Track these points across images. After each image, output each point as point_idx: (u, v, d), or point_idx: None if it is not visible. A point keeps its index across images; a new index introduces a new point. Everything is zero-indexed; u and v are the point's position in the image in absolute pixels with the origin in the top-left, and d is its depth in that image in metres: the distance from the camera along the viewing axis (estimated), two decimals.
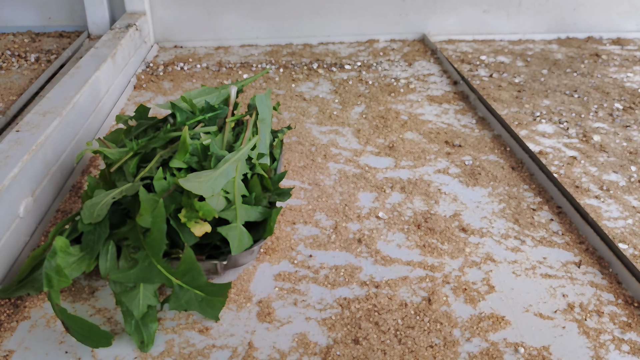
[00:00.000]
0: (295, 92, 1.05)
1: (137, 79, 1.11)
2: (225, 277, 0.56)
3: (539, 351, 0.47)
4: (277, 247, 0.61)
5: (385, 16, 1.40)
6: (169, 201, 0.52)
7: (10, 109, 0.93)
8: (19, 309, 0.52)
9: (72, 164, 0.74)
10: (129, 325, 0.48)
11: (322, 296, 0.53)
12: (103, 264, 0.51)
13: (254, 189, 0.59)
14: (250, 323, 0.50)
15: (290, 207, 0.68)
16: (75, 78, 0.86)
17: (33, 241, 0.61)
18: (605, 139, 0.85)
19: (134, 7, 1.32)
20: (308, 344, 0.48)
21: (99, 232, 0.52)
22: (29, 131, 0.66)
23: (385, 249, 0.60)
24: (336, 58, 1.26)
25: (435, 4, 1.40)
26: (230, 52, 1.32)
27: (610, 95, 1.03)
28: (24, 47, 1.29)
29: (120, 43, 1.06)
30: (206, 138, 0.62)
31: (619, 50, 1.32)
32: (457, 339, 0.48)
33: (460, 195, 0.70)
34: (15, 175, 0.58)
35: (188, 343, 0.48)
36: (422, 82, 1.11)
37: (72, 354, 0.47)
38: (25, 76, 1.10)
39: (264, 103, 0.69)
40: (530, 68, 1.19)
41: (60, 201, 0.69)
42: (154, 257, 0.49)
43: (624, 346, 0.48)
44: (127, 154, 0.61)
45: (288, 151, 0.82)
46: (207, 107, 0.69)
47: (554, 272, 0.56)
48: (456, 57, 1.27)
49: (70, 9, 1.41)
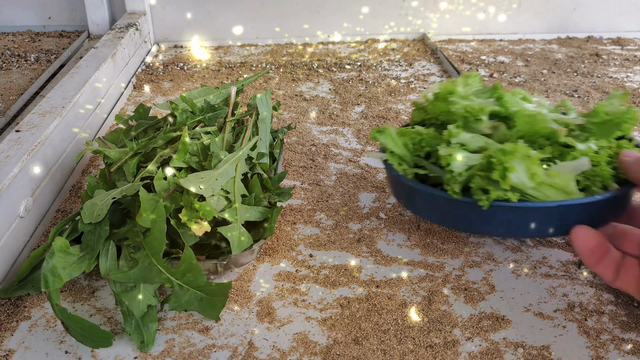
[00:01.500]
0: (295, 92, 1.05)
1: (137, 79, 1.11)
2: (225, 277, 0.56)
3: (539, 351, 0.47)
4: (277, 247, 0.61)
5: (385, 16, 1.41)
6: (169, 201, 0.52)
7: (10, 109, 0.93)
8: (19, 309, 0.52)
9: (72, 164, 0.74)
10: (129, 325, 0.48)
11: (322, 296, 0.53)
12: (103, 264, 0.51)
13: (254, 189, 0.59)
14: (251, 323, 0.50)
15: (291, 207, 0.68)
16: (75, 78, 0.86)
17: (33, 241, 0.61)
18: None
19: (134, 7, 1.32)
20: (308, 344, 0.48)
21: (99, 232, 0.52)
22: (29, 131, 0.66)
23: (385, 249, 0.60)
24: (336, 58, 1.27)
25: (435, 4, 1.40)
26: (230, 52, 1.32)
27: None
28: (24, 47, 1.29)
29: (120, 43, 1.06)
30: (206, 138, 0.62)
31: (619, 50, 1.32)
32: (457, 338, 0.48)
33: None
34: (15, 175, 0.58)
35: (188, 343, 0.48)
36: (422, 82, 1.11)
37: (72, 354, 0.47)
38: (25, 76, 1.10)
39: (264, 103, 0.69)
40: (531, 68, 1.19)
41: (60, 201, 0.69)
42: (154, 257, 0.49)
43: (624, 346, 0.48)
44: (127, 154, 0.61)
45: (288, 151, 0.82)
46: (207, 107, 0.69)
47: (554, 272, 0.56)
48: (456, 57, 1.27)
49: (70, 9, 1.41)
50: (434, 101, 0.62)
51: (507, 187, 0.48)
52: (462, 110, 0.58)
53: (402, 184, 0.56)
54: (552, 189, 0.50)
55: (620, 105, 0.59)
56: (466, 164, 0.52)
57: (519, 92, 0.61)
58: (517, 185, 0.49)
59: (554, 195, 0.50)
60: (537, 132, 0.56)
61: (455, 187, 0.51)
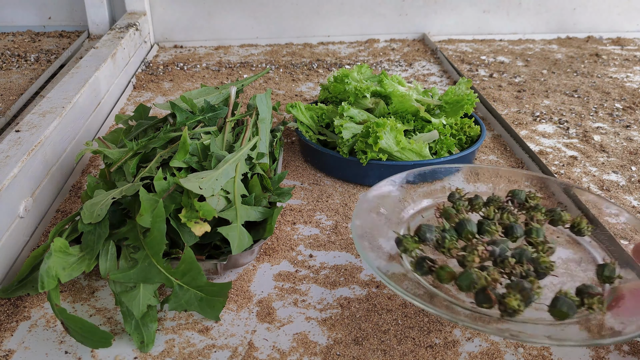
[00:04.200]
0: (295, 92, 1.05)
1: (137, 79, 1.11)
2: (225, 277, 0.56)
3: (539, 351, 0.47)
4: (277, 247, 0.60)
5: (385, 16, 1.40)
6: (169, 201, 0.52)
7: (10, 109, 0.93)
8: (19, 309, 0.52)
9: (72, 164, 0.74)
10: (129, 325, 0.47)
11: (322, 296, 0.53)
12: (103, 264, 0.51)
13: (254, 189, 0.59)
14: (251, 323, 0.50)
15: (291, 207, 0.68)
16: (75, 78, 0.86)
17: (33, 241, 0.61)
18: (605, 139, 0.85)
19: (134, 7, 1.32)
20: (308, 344, 0.48)
21: (99, 232, 0.52)
22: (28, 131, 0.66)
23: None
24: (336, 58, 1.26)
25: (435, 4, 1.40)
26: (230, 52, 1.32)
27: (610, 95, 1.03)
28: (24, 47, 1.29)
29: (120, 43, 1.06)
30: (206, 138, 0.62)
31: (619, 50, 1.32)
32: (457, 339, 0.48)
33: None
34: (15, 175, 0.58)
35: (188, 343, 0.48)
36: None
37: (72, 354, 0.47)
38: (25, 76, 1.10)
39: (264, 103, 0.69)
40: (530, 68, 1.19)
41: (60, 201, 0.69)
42: (154, 257, 0.49)
43: (624, 346, 0.48)
44: (127, 154, 0.61)
45: (288, 151, 0.82)
46: (207, 107, 0.69)
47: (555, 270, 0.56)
48: (456, 57, 1.27)
49: (70, 9, 1.41)
50: (334, 82, 0.83)
51: (377, 149, 0.67)
52: (352, 89, 0.79)
53: (308, 147, 0.76)
54: (411, 152, 0.70)
55: (465, 90, 0.80)
56: (352, 132, 0.71)
57: (396, 77, 0.83)
58: (386, 149, 0.68)
59: (412, 157, 0.70)
60: (406, 109, 0.77)
61: (344, 149, 0.71)
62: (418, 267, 0.47)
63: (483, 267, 0.46)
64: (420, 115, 0.76)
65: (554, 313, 0.44)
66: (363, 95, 0.78)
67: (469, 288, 0.44)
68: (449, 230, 0.50)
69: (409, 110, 0.76)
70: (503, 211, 0.54)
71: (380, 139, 0.67)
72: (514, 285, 0.44)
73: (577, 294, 0.45)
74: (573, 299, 0.44)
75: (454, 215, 0.52)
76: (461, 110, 0.77)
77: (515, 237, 0.51)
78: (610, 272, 0.48)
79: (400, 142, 0.69)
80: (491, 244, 0.48)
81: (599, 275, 0.49)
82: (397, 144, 0.69)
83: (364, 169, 0.70)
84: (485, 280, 0.44)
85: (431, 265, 0.46)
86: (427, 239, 0.49)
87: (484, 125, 0.79)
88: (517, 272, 0.46)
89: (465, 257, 0.46)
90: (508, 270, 0.46)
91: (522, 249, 0.48)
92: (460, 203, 0.55)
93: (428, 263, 0.46)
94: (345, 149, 0.71)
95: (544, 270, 0.47)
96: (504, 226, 0.52)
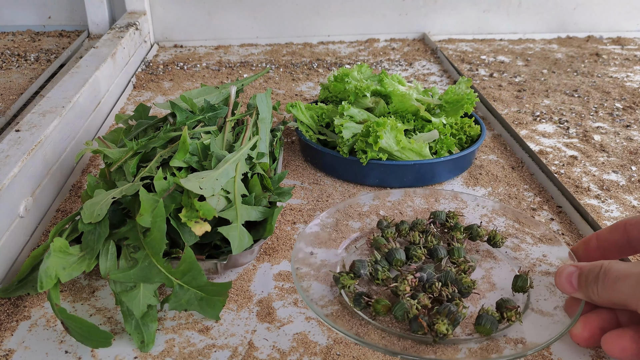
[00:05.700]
0: (295, 92, 1.05)
1: (137, 79, 1.11)
2: (226, 276, 0.56)
3: None
4: (277, 246, 0.60)
5: (385, 16, 1.40)
6: (169, 201, 0.52)
7: (10, 108, 0.93)
8: (19, 308, 0.52)
9: (72, 163, 0.74)
10: (129, 325, 0.48)
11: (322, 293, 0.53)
12: (103, 264, 0.51)
13: (254, 188, 0.59)
14: (251, 323, 0.50)
15: (291, 206, 0.68)
16: (75, 78, 0.86)
17: (33, 241, 0.61)
18: (605, 139, 0.85)
19: (134, 7, 1.32)
20: (308, 344, 0.48)
21: (99, 232, 0.52)
22: (28, 131, 0.66)
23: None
24: (336, 57, 1.26)
25: (435, 4, 1.40)
26: (230, 52, 1.32)
27: (611, 95, 1.03)
28: (23, 46, 1.29)
29: (120, 43, 1.06)
30: (206, 138, 0.62)
31: (619, 49, 1.32)
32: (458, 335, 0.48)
33: (461, 195, 0.70)
34: (15, 175, 0.58)
35: (188, 343, 0.48)
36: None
37: (72, 354, 0.47)
38: (25, 76, 1.10)
39: (264, 103, 0.69)
40: (531, 68, 1.19)
41: (60, 201, 0.69)
42: (154, 257, 0.49)
43: None
44: (127, 154, 0.61)
45: (288, 151, 0.82)
46: (207, 106, 0.69)
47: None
48: (456, 57, 1.27)
49: (70, 8, 1.41)
50: (334, 82, 0.83)
51: (377, 149, 0.67)
52: (352, 88, 0.78)
53: (308, 147, 0.75)
54: (412, 152, 0.70)
55: (466, 89, 0.79)
56: (352, 131, 0.70)
57: (396, 77, 0.83)
58: (386, 148, 0.68)
59: (413, 156, 0.70)
60: (406, 109, 0.76)
61: (344, 149, 0.70)
62: (356, 302, 0.50)
63: (414, 294, 0.49)
64: (421, 115, 0.76)
65: (478, 330, 0.47)
66: (363, 94, 0.78)
67: (403, 318, 0.48)
68: (381, 260, 0.54)
69: (409, 110, 0.77)
70: (427, 234, 0.58)
71: (381, 139, 0.67)
72: (441, 310, 0.47)
73: (497, 308, 0.49)
74: (494, 315, 0.47)
75: (384, 245, 0.56)
76: (461, 110, 0.77)
77: (440, 258, 0.55)
78: (523, 282, 0.52)
79: (400, 142, 0.69)
80: (419, 270, 0.52)
81: (513, 285, 0.52)
82: (397, 144, 0.69)
83: (364, 169, 0.70)
84: (417, 309, 0.47)
85: (367, 300, 0.49)
86: (362, 274, 0.52)
87: (484, 125, 0.79)
88: (444, 296, 0.49)
89: (397, 287, 0.50)
90: (436, 295, 0.49)
91: (447, 272, 0.52)
92: (388, 231, 0.58)
93: (365, 298, 0.49)
94: (346, 148, 0.70)
95: (467, 289, 0.50)
96: (428, 249, 0.56)
